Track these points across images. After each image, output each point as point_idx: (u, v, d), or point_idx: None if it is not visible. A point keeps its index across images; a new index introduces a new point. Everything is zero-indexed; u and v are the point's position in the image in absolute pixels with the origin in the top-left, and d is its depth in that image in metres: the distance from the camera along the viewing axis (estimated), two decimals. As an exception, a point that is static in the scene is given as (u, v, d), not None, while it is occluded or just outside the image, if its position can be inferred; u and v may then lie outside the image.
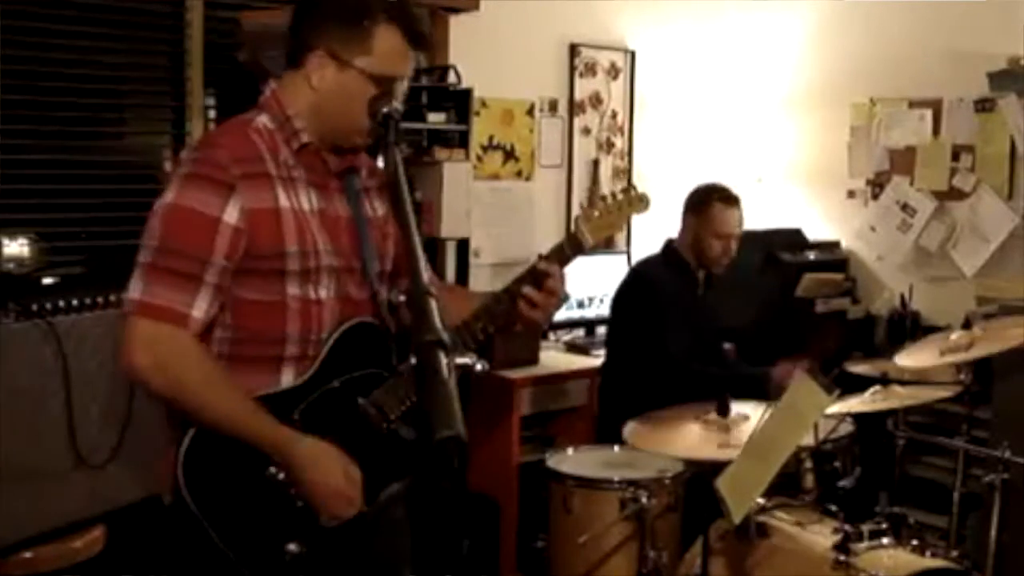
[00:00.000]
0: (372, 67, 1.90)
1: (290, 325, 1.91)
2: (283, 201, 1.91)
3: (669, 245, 3.78)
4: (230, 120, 2.01)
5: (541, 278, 2.04)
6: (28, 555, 2.38)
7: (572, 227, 2.19)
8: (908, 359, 3.39)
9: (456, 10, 4.15)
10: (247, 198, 1.86)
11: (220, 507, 1.85)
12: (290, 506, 1.88)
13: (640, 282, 3.72)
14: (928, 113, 4.68)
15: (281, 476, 1.88)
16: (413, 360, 1.47)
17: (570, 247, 2.13)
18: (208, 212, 1.84)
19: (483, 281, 4.33)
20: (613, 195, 2.22)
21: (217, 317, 1.90)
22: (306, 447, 1.87)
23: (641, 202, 2.23)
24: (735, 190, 3.78)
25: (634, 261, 4.37)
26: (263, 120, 1.95)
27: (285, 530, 1.87)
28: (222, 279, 1.86)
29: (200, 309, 1.84)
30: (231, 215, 1.85)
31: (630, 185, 2.25)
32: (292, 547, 1.87)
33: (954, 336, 3.38)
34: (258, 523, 1.87)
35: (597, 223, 2.16)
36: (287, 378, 1.93)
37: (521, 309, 2.02)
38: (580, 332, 4.70)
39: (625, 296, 3.74)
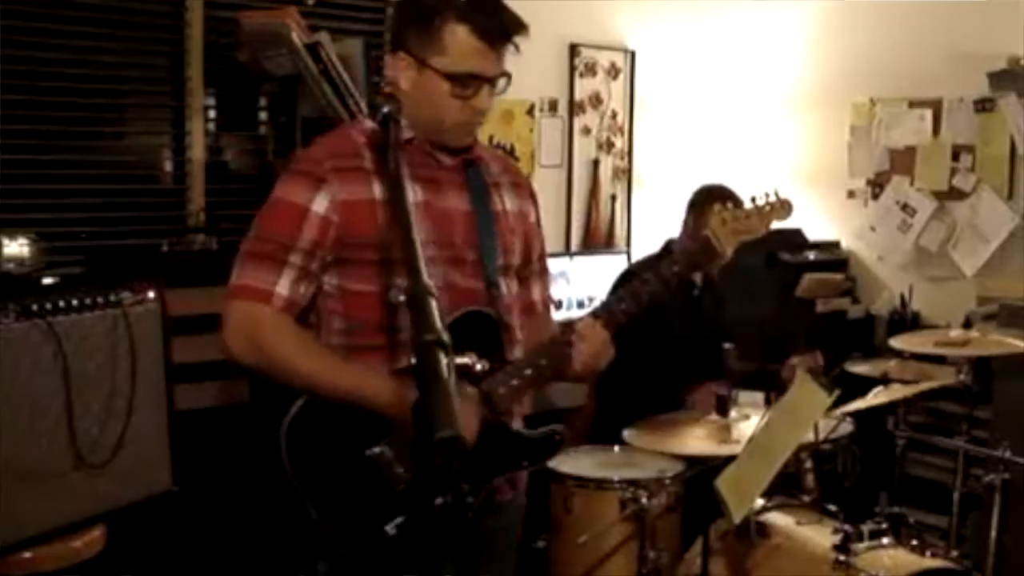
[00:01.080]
0: (447, 66, 1.95)
1: (400, 313, 1.92)
2: (379, 193, 1.96)
3: (667, 245, 3.78)
4: (340, 125, 2.18)
5: (578, 339, 2.03)
6: (28, 555, 2.37)
7: (708, 231, 2.13)
8: (902, 343, 3.40)
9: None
10: (339, 190, 1.95)
11: (319, 483, 1.87)
12: (390, 487, 1.87)
13: (624, 281, 3.71)
14: (928, 113, 4.69)
15: (381, 452, 1.87)
16: (413, 360, 1.47)
17: (703, 253, 2.12)
18: (297, 202, 1.95)
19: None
20: (754, 199, 2.18)
21: (330, 304, 1.98)
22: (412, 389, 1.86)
23: (784, 208, 2.18)
24: (737, 189, 3.76)
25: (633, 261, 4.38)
26: (371, 122, 2.02)
27: (384, 510, 1.87)
28: (307, 262, 1.95)
29: (284, 286, 1.93)
30: (320, 205, 1.94)
31: (776, 193, 2.22)
32: (390, 528, 1.87)
33: (953, 333, 3.40)
34: (357, 502, 1.88)
35: (734, 227, 2.11)
36: (401, 366, 1.94)
37: (564, 371, 2.04)
38: (580, 332, 4.69)
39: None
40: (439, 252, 2.01)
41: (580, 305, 4.64)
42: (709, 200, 3.66)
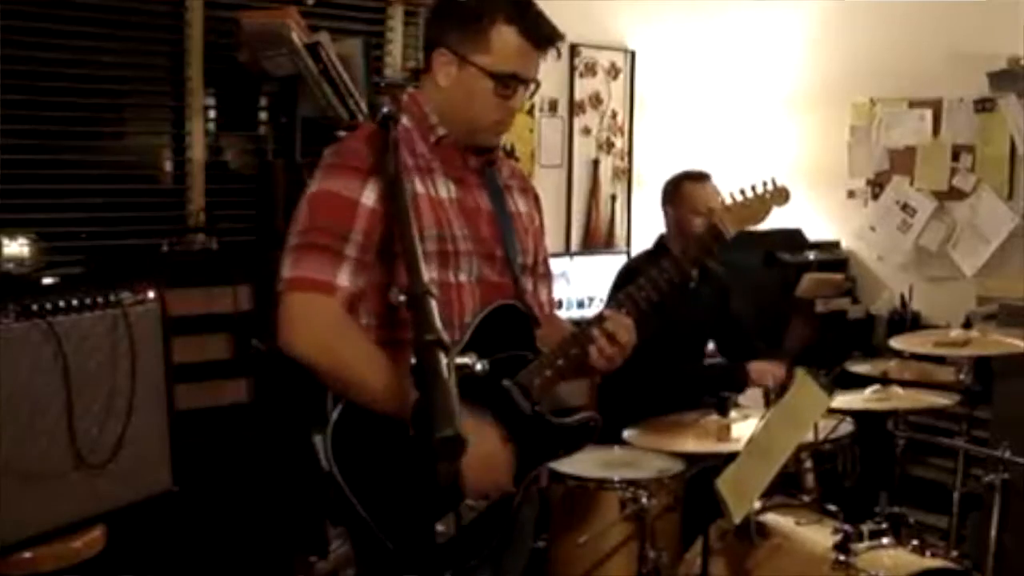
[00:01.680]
0: (491, 65, 1.99)
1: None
2: (419, 188, 1.99)
3: (660, 240, 3.78)
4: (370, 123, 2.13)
5: (607, 326, 2.04)
6: (28, 555, 2.37)
7: (714, 218, 2.28)
8: (902, 343, 3.40)
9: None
10: (384, 184, 1.93)
11: (367, 482, 1.86)
12: (436, 485, 1.87)
13: (625, 276, 3.71)
14: (928, 113, 4.69)
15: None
16: (413, 360, 1.47)
17: (711, 237, 2.23)
18: (347, 194, 1.93)
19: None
20: (753, 187, 2.31)
21: (363, 300, 1.95)
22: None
23: (781, 195, 2.33)
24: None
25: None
26: (402, 121, 2.03)
27: (432, 508, 1.87)
28: (362, 254, 1.93)
29: (344, 279, 1.91)
30: (368, 197, 1.93)
31: (773, 181, 2.37)
32: (440, 527, 1.87)
33: (953, 333, 3.40)
34: (405, 500, 1.87)
35: (738, 214, 2.25)
36: None
37: (592, 357, 2.04)
38: (580, 332, 4.69)
39: (612, 292, 3.72)
40: (472, 247, 2.04)
41: (580, 305, 4.64)
42: (680, 182, 3.70)
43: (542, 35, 2.04)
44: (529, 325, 2.08)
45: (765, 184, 2.34)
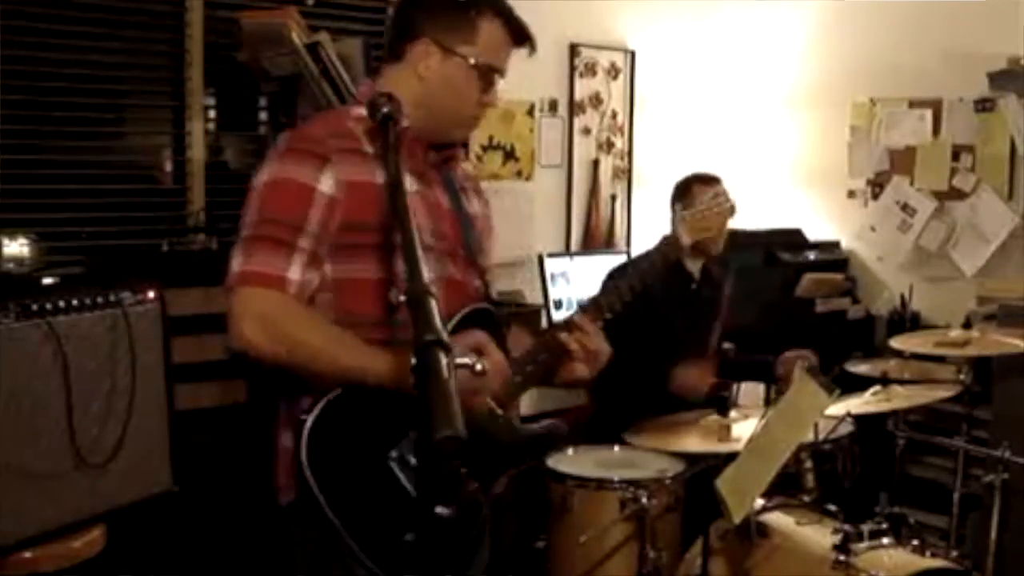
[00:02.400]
0: (476, 57, 1.98)
1: (397, 309, 1.85)
2: (380, 178, 1.91)
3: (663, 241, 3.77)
4: (326, 111, 2.05)
5: (575, 331, 2.05)
6: (28, 555, 2.37)
7: (672, 228, 2.38)
8: (902, 343, 3.40)
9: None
10: (344, 170, 1.89)
11: (339, 487, 1.82)
12: (407, 494, 1.85)
13: (621, 275, 3.70)
14: (928, 113, 4.69)
15: (400, 455, 1.84)
16: (413, 360, 1.47)
17: (668, 247, 2.30)
18: (302, 181, 1.87)
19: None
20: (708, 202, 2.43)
21: (322, 297, 1.91)
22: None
23: (731, 211, 2.43)
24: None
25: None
26: (360, 111, 1.98)
27: (403, 518, 1.84)
28: (316, 246, 1.88)
29: (295, 271, 1.86)
30: (326, 184, 1.87)
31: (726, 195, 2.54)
32: (409, 536, 1.84)
33: (953, 333, 3.40)
34: (374, 506, 1.84)
35: (691, 224, 2.33)
36: None
37: (564, 368, 2.06)
38: (580, 332, 4.69)
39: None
40: (436, 243, 1.99)
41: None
42: (690, 183, 3.70)
43: (522, 31, 2.06)
44: (501, 330, 2.04)
45: (716, 196, 2.52)
